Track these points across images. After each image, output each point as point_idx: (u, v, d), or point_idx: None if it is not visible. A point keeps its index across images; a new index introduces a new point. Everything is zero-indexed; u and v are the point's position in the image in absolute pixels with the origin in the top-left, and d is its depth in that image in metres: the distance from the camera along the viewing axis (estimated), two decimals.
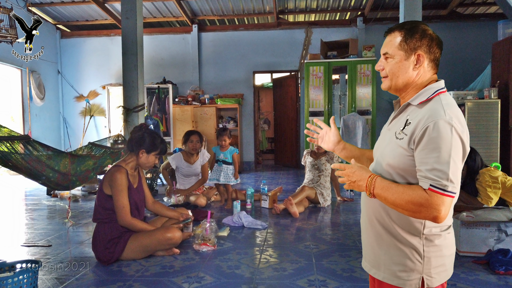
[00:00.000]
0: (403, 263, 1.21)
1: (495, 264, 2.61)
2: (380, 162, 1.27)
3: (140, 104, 5.26)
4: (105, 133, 8.57)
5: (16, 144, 3.54)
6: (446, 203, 1.09)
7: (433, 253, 1.20)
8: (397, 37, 1.25)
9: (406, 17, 4.90)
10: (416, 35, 1.23)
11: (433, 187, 1.10)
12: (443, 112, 1.13)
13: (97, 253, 2.84)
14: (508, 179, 3.46)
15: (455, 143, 1.10)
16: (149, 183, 5.53)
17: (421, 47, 1.22)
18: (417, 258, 1.20)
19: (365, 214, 1.34)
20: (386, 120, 6.15)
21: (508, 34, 5.69)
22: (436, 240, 1.20)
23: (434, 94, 1.21)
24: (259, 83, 10.74)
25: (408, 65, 1.24)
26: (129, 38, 5.22)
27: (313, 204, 4.64)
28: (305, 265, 2.76)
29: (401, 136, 1.20)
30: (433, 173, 1.10)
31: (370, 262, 1.32)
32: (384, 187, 1.17)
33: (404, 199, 1.13)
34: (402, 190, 1.14)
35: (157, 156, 3.02)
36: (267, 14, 8.30)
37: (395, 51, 1.25)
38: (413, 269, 1.20)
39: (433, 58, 1.24)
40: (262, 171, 8.30)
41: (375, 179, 1.19)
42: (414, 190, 1.13)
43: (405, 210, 1.14)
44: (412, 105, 1.24)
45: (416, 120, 1.17)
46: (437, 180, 1.09)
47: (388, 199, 1.16)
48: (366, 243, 1.35)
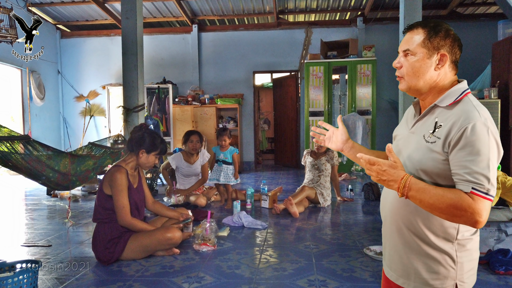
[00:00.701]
0: (436, 271, 1.17)
1: (495, 264, 2.61)
2: (409, 167, 1.21)
3: (140, 104, 5.26)
4: (105, 133, 8.57)
5: (16, 144, 3.54)
6: (487, 207, 1.05)
7: (466, 257, 1.16)
8: (419, 34, 1.19)
9: (406, 17, 4.90)
10: (440, 33, 1.18)
11: (475, 190, 1.05)
12: (477, 113, 1.09)
13: (97, 253, 2.84)
14: (508, 179, 3.46)
15: (492, 145, 1.07)
16: (149, 183, 5.53)
17: (444, 47, 1.18)
18: (451, 264, 1.16)
19: (390, 222, 1.28)
20: (386, 120, 6.13)
21: (508, 34, 5.69)
22: (468, 244, 1.17)
23: (462, 95, 1.17)
24: (259, 83, 10.74)
25: (430, 64, 1.18)
26: (129, 38, 5.22)
27: (313, 204, 4.64)
28: (305, 265, 2.76)
29: (432, 140, 1.15)
30: (474, 177, 1.06)
31: (397, 272, 1.26)
32: (421, 189, 1.10)
33: (445, 203, 1.07)
34: (441, 193, 1.08)
35: (157, 156, 3.02)
36: (267, 14, 8.30)
37: (418, 48, 1.19)
38: (447, 276, 1.16)
39: (454, 59, 1.20)
40: (262, 171, 8.30)
41: (409, 180, 1.11)
42: (455, 193, 1.07)
43: (443, 213, 1.08)
44: (439, 106, 1.19)
45: (449, 122, 1.12)
46: (480, 183, 1.05)
47: (425, 202, 1.09)
48: (392, 252, 1.29)
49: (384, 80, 8.04)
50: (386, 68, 7.95)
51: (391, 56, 7.78)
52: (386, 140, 7.75)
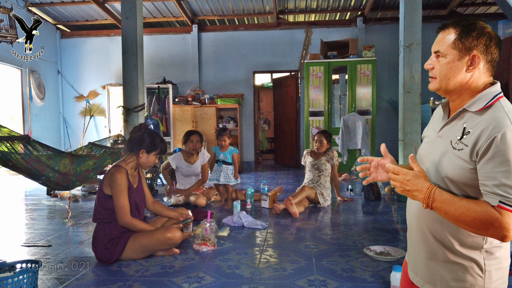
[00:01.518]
0: (463, 279, 1.12)
1: None
2: (435, 173, 1.17)
3: (140, 104, 5.26)
4: (105, 133, 8.57)
5: (16, 144, 3.54)
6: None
7: (494, 266, 1.12)
8: (451, 34, 1.14)
9: (406, 17, 4.90)
10: (473, 33, 1.11)
11: (503, 204, 1.00)
12: (509, 121, 1.03)
13: (97, 253, 2.84)
14: None
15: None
16: (149, 183, 5.53)
17: (477, 47, 1.11)
18: (478, 273, 1.11)
19: (416, 227, 1.25)
20: (386, 120, 6.12)
21: (508, 34, 5.69)
22: (497, 252, 1.12)
23: (494, 100, 1.10)
24: (259, 83, 10.75)
25: (461, 66, 1.13)
26: (129, 38, 5.22)
27: (313, 204, 4.64)
28: (305, 265, 2.76)
29: (460, 147, 1.09)
30: (502, 189, 1.00)
31: (424, 278, 1.23)
32: (446, 200, 1.06)
33: (470, 216, 1.03)
34: (467, 205, 1.04)
35: (157, 156, 3.02)
36: (267, 14, 8.30)
37: (448, 50, 1.14)
38: (474, 285, 1.12)
39: (490, 59, 1.13)
40: (262, 171, 8.30)
41: (434, 191, 1.07)
42: (481, 206, 1.03)
43: (469, 226, 1.05)
44: (468, 111, 1.12)
45: (478, 129, 1.06)
46: (508, 196, 1.00)
47: (450, 214, 1.06)
48: (418, 258, 1.25)
49: (384, 80, 8.04)
50: (386, 68, 7.96)
51: (391, 56, 7.79)
52: (386, 140, 7.71)
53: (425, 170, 1.20)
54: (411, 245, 1.30)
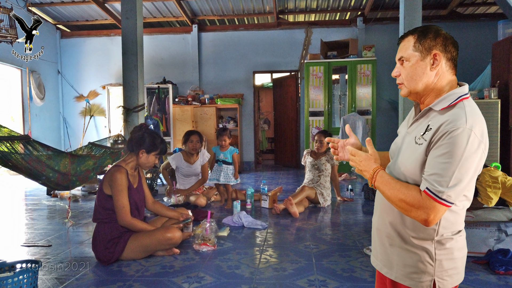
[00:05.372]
0: (415, 265, 1.21)
1: (495, 264, 2.61)
2: (397, 165, 1.25)
3: (140, 104, 5.26)
4: (105, 133, 8.57)
5: (16, 144, 3.54)
6: (437, 209, 1.09)
7: (445, 255, 1.19)
8: (410, 41, 1.23)
9: (406, 17, 4.90)
10: (429, 35, 1.21)
11: (428, 190, 1.10)
12: (464, 119, 1.09)
13: (97, 253, 2.84)
14: (508, 179, 3.46)
15: (468, 152, 1.07)
16: (149, 183, 5.53)
17: (436, 46, 1.20)
18: (428, 261, 1.19)
19: (378, 214, 1.34)
20: (386, 120, 6.15)
21: (508, 34, 5.68)
22: (447, 243, 1.19)
23: (458, 100, 1.17)
24: (259, 83, 10.74)
25: (425, 66, 1.21)
26: (129, 38, 5.22)
27: (313, 204, 4.64)
28: (305, 265, 2.76)
29: (420, 142, 1.17)
30: (433, 178, 1.09)
31: (382, 261, 1.32)
32: (384, 181, 1.19)
33: (398, 197, 1.15)
34: (399, 187, 1.16)
35: (157, 156, 3.02)
36: (267, 14, 8.30)
37: (410, 54, 1.23)
38: (425, 271, 1.20)
39: (450, 57, 1.21)
40: (262, 171, 8.30)
41: (377, 172, 1.21)
42: (410, 189, 1.14)
43: (398, 206, 1.16)
44: (434, 110, 1.20)
45: (436, 126, 1.14)
46: (434, 185, 1.09)
47: (385, 194, 1.19)
48: (377, 242, 1.35)
49: (384, 80, 8.04)
50: (386, 68, 7.95)
51: (391, 56, 7.79)
52: (386, 140, 7.75)
53: (393, 163, 1.30)
54: (373, 230, 1.39)
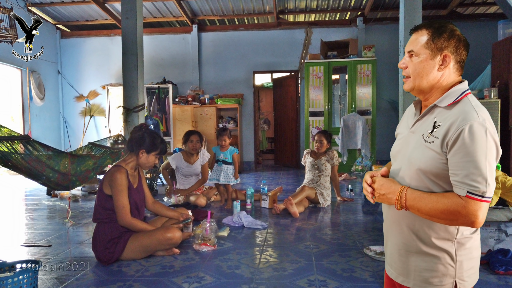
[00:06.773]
0: (435, 269, 1.18)
1: (495, 264, 2.61)
2: (408, 167, 1.22)
3: (140, 104, 5.25)
4: (105, 133, 8.57)
5: (16, 144, 3.54)
6: (483, 208, 1.07)
7: (465, 256, 1.18)
8: (424, 35, 1.21)
9: (406, 17, 4.90)
10: (444, 34, 1.19)
11: (470, 194, 1.07)
12: (476, 114, 1.10)
13: (97, 253, 2.84)
14: (508, 179, 3.46)
15: (489, 145, 1.07)
16: (149, 183, 5.53)
17: (448, 48, 1.18)
18: (450, 263, 1.17)
19: (391, 220, 1.30)
20: (386, 120, 6.13)
21: (508, 34, 5.68)
22: (467, 243, 1.18)
23: (462, 96, 1.18)
24: (259, 83, 10.74)
25: (433, 65, 1.20)
26: (129, 38, 5.21)
27: (313, 204, 4.64)
28: (305, 265, 2.76)
29: (431, 139, 1.16)
30: (470, 178, 1.07)
31: (397, 270, 1.28)
32: (416, 197, 1.14)
33: (439, 209, 1.09)
34: (435, 199, 1.11)
35: (157, 156, 3.02)
36: (267, 14, 8.30)
37: (421, 50, 1.21)
38: (446, 274, 1.17)
39: (459, 59, 1.20)
40: (262, 171, 8.30)
41: (406, 191, 1.16)
42: (449, 198, 1.10)
43: (441, 219, 1.11)
44: (439, 107, 1.20)
45: (447, 123, 1.13)
46: (475, 186, 1.06)
47: (422, 210, 1.13)
48: (392, 250, 1.31)
49: (384, 80, 8.04)
50: (386, 68, 7.95)
51: (391, 56, 7.79)
52: (386, 140, 7.76)
53: (398, 166, 1.27)
54: (387, 238, 1.35)
